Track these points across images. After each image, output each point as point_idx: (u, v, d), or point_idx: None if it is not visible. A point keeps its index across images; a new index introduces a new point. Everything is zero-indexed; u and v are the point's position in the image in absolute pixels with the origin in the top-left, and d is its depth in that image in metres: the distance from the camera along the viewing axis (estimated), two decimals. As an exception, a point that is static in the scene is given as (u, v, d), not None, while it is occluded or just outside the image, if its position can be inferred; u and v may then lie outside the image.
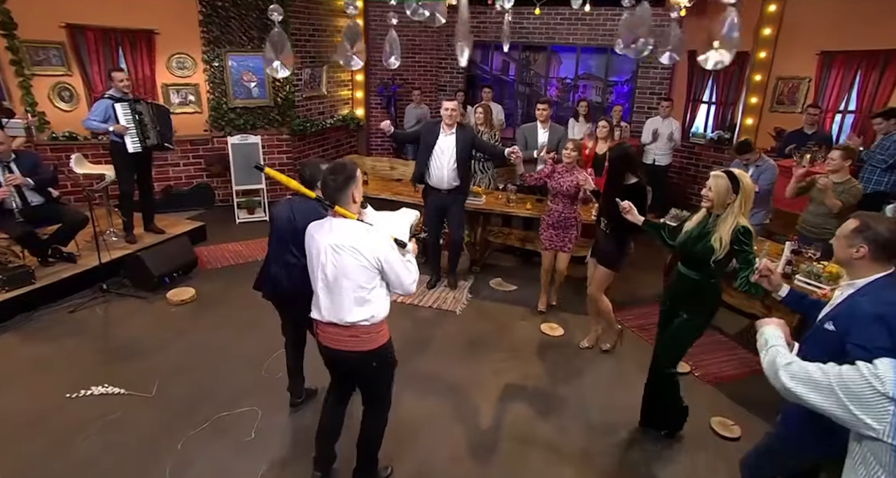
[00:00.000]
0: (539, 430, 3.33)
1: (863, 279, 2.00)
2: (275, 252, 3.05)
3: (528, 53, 9.31)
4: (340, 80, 8.77)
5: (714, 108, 8.28)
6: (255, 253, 5.84)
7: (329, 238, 2.32)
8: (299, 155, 7.89)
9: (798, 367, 1.61)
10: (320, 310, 2.41)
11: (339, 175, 2.32)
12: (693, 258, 2.88)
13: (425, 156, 4.74)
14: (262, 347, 4.01)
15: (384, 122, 4.77)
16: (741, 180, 2.72)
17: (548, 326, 4.51)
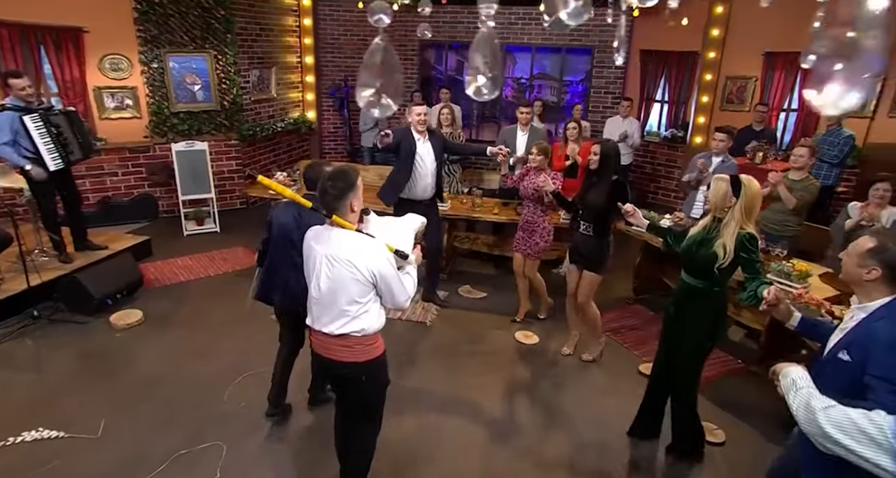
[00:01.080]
0: (528, 445, 3.19)
1: (875, 302, 1.82)
2: (280, 257, 2.95)
3: (483, 53, 9.20)
4: (290, 81, 8.40)
5: (667, 107, 8.45)
6: (207, 268, 5.45)
7: (326, 248, 2.23)
8: (249, 161, 7.48)
9: (839, 412, 1.46)
10: (313, 318, 2.35)
11: (338, 182, 2.20)
12: (697, 265, 2.75)
13: (408, 167, 4.40)
14: (222, 372, 3.70)
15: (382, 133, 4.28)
16: (744, 185, 2.61)
17: (522, 335, 4.40)
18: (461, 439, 3.23)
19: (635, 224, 3.25)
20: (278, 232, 2.90)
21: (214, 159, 6.83)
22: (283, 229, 2.88)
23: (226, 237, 6.30)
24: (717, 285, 2.73)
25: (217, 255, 5.79)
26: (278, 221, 2.91)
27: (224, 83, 6.91)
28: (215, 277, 5.26)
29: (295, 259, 2.78)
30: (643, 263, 4.96)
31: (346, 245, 2.20)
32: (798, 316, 2.26)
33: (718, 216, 2.70)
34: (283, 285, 2.95)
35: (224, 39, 6.79)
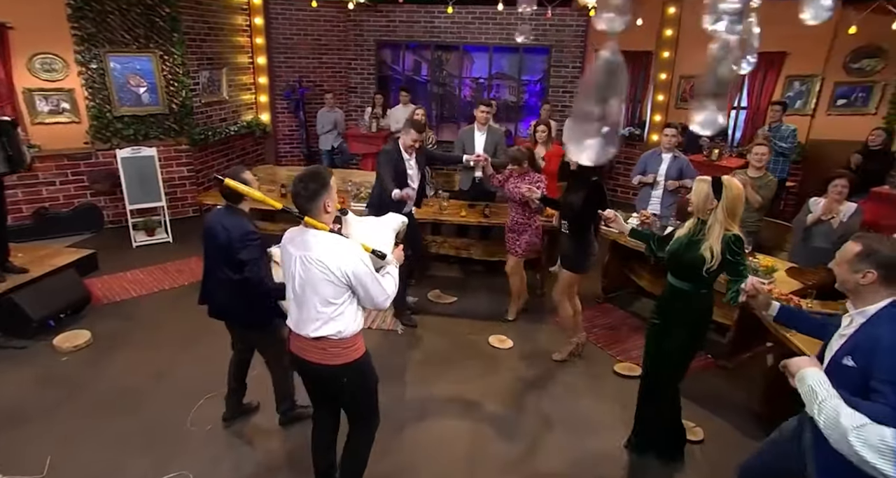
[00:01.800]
0: (513, 454, 3.12)
1: (873, 306, 1.82)
2: (208, 266, 2.91)
3: (441, 53, 9.13)
4: (242, 83, 8.06)
5: (623, 106, 8.58)
6: (160, 281, 5.13)
7: (299, 250, 2.21)
8: (202, 167, 7.13)
9: (873, 432, 1.41)
10: (292, 320, 2.32)
11: (310, 183, 2.18)
12: (683, 268, 2.72)
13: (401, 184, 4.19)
14: (184, 393, 3.46)
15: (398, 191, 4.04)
16: (725, 186, 2.59)
17: (496, 339, 4.33)
18: (444, 449, 3.12)
19: (617, 229, 3.21)
20: (205, 237, 2.83)
21: (164, 166, 6.45)
22: (208, 233, 2.80)
23: (179, 247, 5.96)
24: (705, 288, 2.72)
25: (171, 266, 5.47)
26: (206, 226, 2.84)
27: (172, 85, 6.55)
28: (170, 290, 4.95)
29: (220, 267, 2.77)
30: (611, 261, 4.99)
31: (319, 246, 2.17)
32: (777, 305, 2.31)
33: (702, 218, 2.69)
34: (208, 291, 2.93)
35: (170, 39, 6.43)
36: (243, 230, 2.69)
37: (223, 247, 2.72)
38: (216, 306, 2.95)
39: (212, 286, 2.90)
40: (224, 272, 2.78)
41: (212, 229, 2.77)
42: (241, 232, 2.68)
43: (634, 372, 3.88)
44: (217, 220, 2.76)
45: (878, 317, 1.79)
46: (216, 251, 2.77)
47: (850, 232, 4.00)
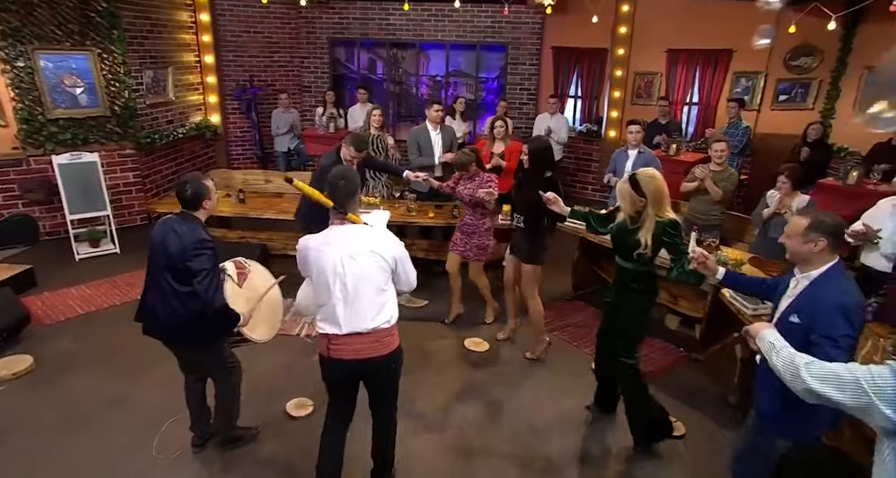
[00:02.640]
0: (496, 458, 3.06)
1: (817, 270, 2.10)
2: (151, 277, 2.69)
3: (396, 51, 8.97)
4: (189, 83, 7.66)
5: (580, 103, 8.70)
6: (110, 296, 4.78)
7: (343, 248, 2.30)
8: (149, 172, 6.73)
9: (820, 367, 1.61)
10: (339, 324, 2.33)
11: (350, 181, 2.37)
12: (624, 249, 2.89)
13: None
14: (146, 419, 3.23)
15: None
16: (645, 184, 2.70)
17: (472, 342, 4.26)
18: (428, 458, 3.03)
19: (557, 211, 3.30)
20: (151, 248, 2.64)
21: (107, 172, 6.04)
22: (156, 247, 2.61)
23: (128, 258, 5.58)
24: (646, 265, 2.89)
25: (120, 280, 5.11)
26: (152, 236, 2.64)
27: (113, 85, 6.13)
28: (122, 306, 4.62)
29: (159, 280, 2.60)
30: (581, 259, 5.01)
31: (365, 239, 2.34)
32: (722, 270, 2.54)
33: (631, 215, 2.83)
34: (148, 307, 2.69)
35: (109, 36, 6.01)
36: (196, 237, 2.52)
37: (173, 255, 2.52)
38: (156, 322, 2.66)
39: (153, 300, 2.65)
40: (169, 283, 2.57)
41: (162, 237, 2.57)
42: (193, 239, 2.51)
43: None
44: (169, 227, 2.58)
45: (819, 279, 2.08)
46: (165, 260, 2.55)
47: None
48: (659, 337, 4.40)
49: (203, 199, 2.61)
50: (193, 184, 2.59)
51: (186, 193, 2.57)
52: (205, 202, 2.63)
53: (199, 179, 2.63)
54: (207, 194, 2.62)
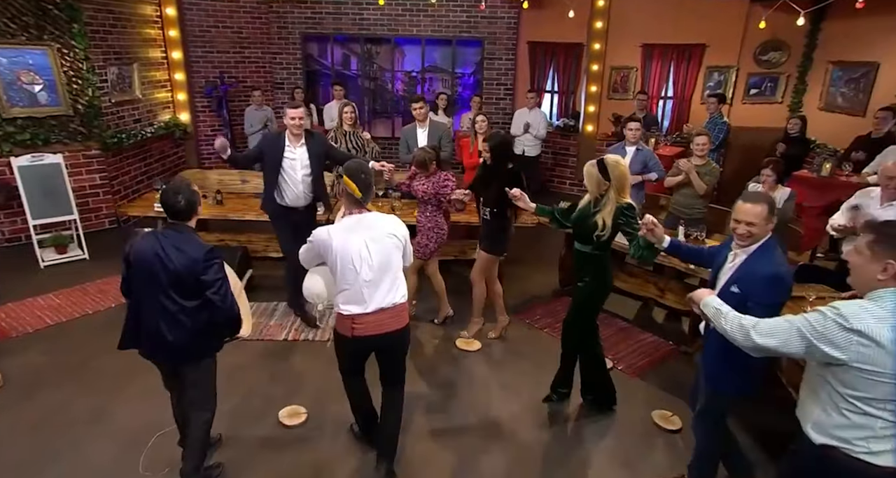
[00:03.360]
0: (501, 461, 3.02)
1: (755, 245, 2.31)
2: (145, 299, 2.46)
3: (371, 46, 8.82)
4: (156, 80, 7.36)
5: (557, 97, 8.72)
6: (81, 305, 4.55)
7: (364, 235, 2.50)
8: (117, 173, 6.44)
9: (765, 324, 1.85)
10: (365, 303, 2.52)
11: (369, 174, 2.56)
12: (584, 233, 3.11)
13: (273, 175, 4.04)
14: (130, 435, 3.07)
15: (218, 139, 3.93)
16: (611, 168, 2.94)
17: (463, 342, 4.21)
18: (441, 462, 2.97)
19: (523, 206, 3.43)
20: (138, 267, 2.42)
21: (72, 174, 5.75)
22: (143, 264, 2.40)
23: (98, 265, 5.34)
24: (603, 249, 3.13)
25: (91, 287, 4.88)
26: (138, 255, 2.42)
27: (75, 83, 5.83)
28: (95, 315, 4.40)
29: (161, 300, 2.41)
30: (567, 255, 4.99)
31: (384, 223, 2.57)
32: (668, 239, 2.74)
33: (597, 196, 3.05)
34: (150, 331, 2.46)
35: (69, 30, 5.71)
36: (204, 248, 2.39)
37: (180, 272, 2.36)
38: (161, 345, 2.47)
39: (153, 322, 2.44)
40: (175, 301, 2.40)
41: (156, 256, 2.37)
42: (202, 251, 2.37)
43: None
44: (163, 243, 2.39)
45: (756, 252, 2.29)
46: (169, 278, 2.37)
47: (785, 216, 4.25)
48: (649, 331, 4.43)
49: (197, 207, 2.48)
50: (185, 193, 2.42)
51: (179, 204, 2.40)
52: (198, 209, 2.50)
53: (189, 187, 2.46)
54: (200, 202, 2.50)
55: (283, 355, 3.96)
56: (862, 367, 1.67)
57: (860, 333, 1.65)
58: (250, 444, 3.07)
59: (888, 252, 1.71)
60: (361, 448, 3.07)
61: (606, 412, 3.46)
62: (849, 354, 1.67)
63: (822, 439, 1.83)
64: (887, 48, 6.38)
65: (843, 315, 1.68)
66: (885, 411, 1.70)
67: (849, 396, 1.73)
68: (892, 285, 1.72)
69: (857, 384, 1.70)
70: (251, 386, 3.56)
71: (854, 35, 6.88)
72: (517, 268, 5.40)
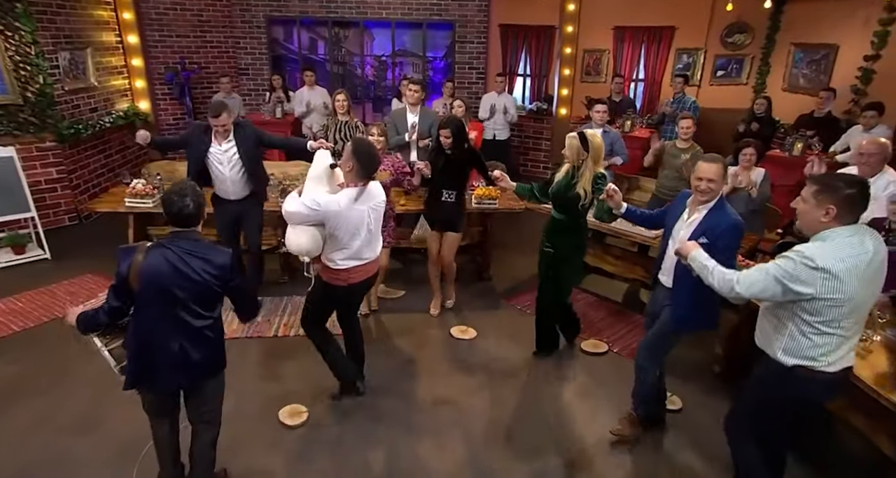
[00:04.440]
0: (513, 449, 3.01)
1: (711, 202, 2.63)
2: (159, 322, 2.19)
3: (339, 30, 8.55)
4: (112, 66, 6.93)
5: (529, 81, 8.68)
6: (50, 308, 4.27)
7: (367, 204, 2.89)
8: (75, 167, 6.06)
9: (744, 277, 2.18)
10: (362, 257, 2.95)
11: (376, 155, 2.94)
12: (564, 204, 3.41)
13: (196, 165, 3.92)
14: (119, 447, 2.91)
15: (140, 132, 3.84)
16: (590, 140, 3.26)
17: (458, 330, 4.17)
18: (446, 452, 2.93)
19: (505, 186, 3.66)
20: (151, 287, 2.13)
21: (26, 168, 5.37)
22: (159, 283, 2.13)
23: (62, 264, 5.04)
24: (581, 217, 3.48)
25: (58, 288, 4.59)
26: (150, 273, 2.12)
27: (23, 69, 5.42)
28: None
29: (183, 318, 2.19)
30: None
31: (377, 191, 2.98)
32: (625, 205, 3.06)
33: (576, 165, 3.33)
34: (171, 356, 2.21)
35: (12, 11, 5.28)
36: (227, 254, 2.25)
37: (204, 285, 2.17)
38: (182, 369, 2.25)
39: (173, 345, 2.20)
40: (196, 318, 2.22)
41: (176, 271, 2.13)
42: (227, 256, 2.23)
43: (600, 349, 3.95)
44: (182, 255, 2.14)
45: (715, 207, 2.62)
46: (188, 295, 2.16)
47: (764, 196, 4.36)
48: (637, 312, 4.50)
49: (204, 209, 2.26)
50: (194, 196, 2.18)
51: (188, 208, 2.16)
52: (204, 212, 2.27)
53: (195, 189, 2.23)
54: (205, 203, 2.30)
55: (274, 352, 3.82)
56: (825, 296, 2.02)
57: (824, 269, 1.99)
58: (253, 448, 2.96)
59: (829, 199, 2.06)
60: (370, 446, 3.01)
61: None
62: (815, 288, 2.02)
63: (793, 361, 2.18)
64: (846, 31, 6.60)
65: (808, 257, 2.02)
66: (838, 328, 2.08)
67: (813, 322, 2.09)
68: (833, 225, 2.08)
69: (820, 311, 2.06)
70: (244, 387, 3.42)
71: (814, 18, 7.08)
72: (502, 253, 5.39)
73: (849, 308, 2.05)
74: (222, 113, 3.76)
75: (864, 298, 2.10)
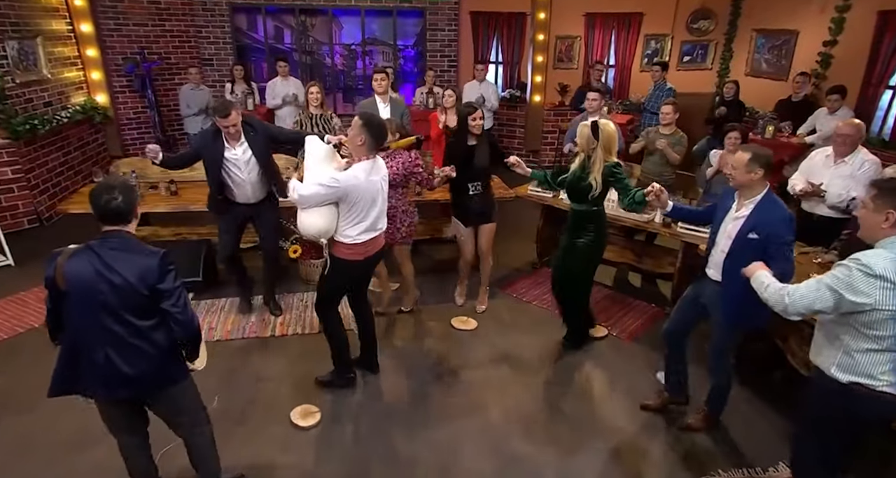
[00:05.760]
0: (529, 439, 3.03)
1: (759, 195, 2.59)
2: (86, 330, 2.02)
3: (306, 18, 8.28)
4: (64, 57, 6.49)
5: (502, 68, 8.66)
6: (22, 318, 4.00)
7: (379, 175, 2.98)
8: (33, 165, 5.67)
9: (794, 289, 2.10)
10: (377, 228, 3.05)
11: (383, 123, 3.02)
12: (578, 194, 3.39)
13: (215, 174, 3.63)
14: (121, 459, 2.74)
15: (149, 146, 3.51)
16: (602, 128, 3.21)
17: (459, 321, 4.14)
18: (466, 450, 2.92)
19: (521, 172, 3.70)
20: (75, 292, 1.98)
21: (-20, 169, 5.00)
22: (81, 287, 1.97)
23: (28, 270, 4.71)
24: (598, 205, 3.45)
25: (27, 296, 4.30)
26: (73, 276, 1.97)
27: (-30, 62, 5.01)
28: (44, 328, 3.86)
29: (108, 326, 2.00)
30: (544, 227, 5.03)
31: (383, 164, 3.08)
32: (671, 204, 3.02)
33: (588, 155, 3.31)
34: (98, 366, 2.03)
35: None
36: (158, 254, 2.02)
37: (133, 286, 1.97)
38: (113, 381, 2.06)
39: (100, 355, 2.02)
40: (124, 326, 2.01)
41: (97, 275, 1.96)
42: (155, 257, 2.01)
43: (600, 333, 4.00)
44: (104, 256, 1.97)
45: (763, 201, 2.57)
46: (120, 298, 1.98)
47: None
48: (631, 296, 4.59)
49: (136, 206, 2.07)
50: (122, 189, 2.00)
51: (115, 203, 1.96)
52: (137, 210, 2.08)
53: (126, 183, 2.07)
54: (138, 199, 2.11)
55: (275, 352, 3.71)
56: (884, 308, 1.89)
57: (883, 278, 1.88)
58: (270, 452, 2.86)
59: (889, 204, 1.95)
60: (389, 442, 2.96)
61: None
62: (873, 298, 1.89)
63: (849, 378, 2.05)
64: (804, 17, 6.86)
65: (866, 265, 1.90)
66: None
67: (873, 335, 1.96)
68: (895, 232, 1.96)
69: (878, 324, 1.94)
70: (250, 390, 3.31)
71: (773, 4, 7.34)
72: (495, 242, 5.35)
73: None
74: (231, 112, 3.42)
75: None
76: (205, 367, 2.38)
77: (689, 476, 2.79)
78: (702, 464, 2.86)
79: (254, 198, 3.78)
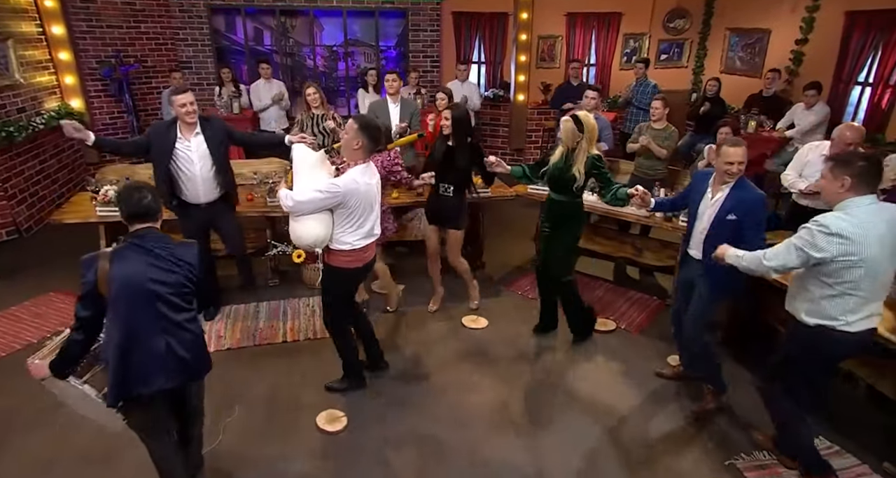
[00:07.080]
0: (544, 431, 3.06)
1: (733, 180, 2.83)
2: (141, 324, 2.09)
3: (286, 19, 8.14)
4: (36, 60, 6.22)
5: (485, 68, 8.70)
6: (20, 334, 3.83)
7: (374, 179, 2.93)
8: (9, 174, 5.43)
9: (770, 252, 2.44)
10: (374, 233, 3.00)
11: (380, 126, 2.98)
12: (561, 185, 3.46)
13: (162, 169, 3.56)
14: (135, 473, 2.65)
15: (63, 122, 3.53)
16: (584, 122, 3.29)
17: (469, 320, 4.16)
18: (499, 445, 2.93)
19: (501, 171, 3.67)
20: (127, 292, 2.05)
21: (-44, 179, 4.75)
22: (134, 281, 2.05)
23: (15, 284, 4.52)
24: (578, 197, 3.53)
25: (21, 311, 4.12)
26: (123, 275, 2.04)
27: (-58, 67, 4.76)
28: (42, 343, 3.69)
29: (165, 314, 2.12)
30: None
31: (374, 170, 2.97)
32: (653, 201, 3.27)
33: (570, 148, 3.38)
34: (160, 357, 2.12)
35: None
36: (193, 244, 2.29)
37: (181, 280, 2.15)
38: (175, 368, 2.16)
39: (160, 345, 2.12)
40: (178, 312, 2.16)
41: (151, 268, 2.08)
42: (194, 250, 2.23)
43: (609, 327, 4.08)
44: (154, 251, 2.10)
45: (737, 185, 2.82)
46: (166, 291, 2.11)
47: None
48: (630, 288, 4.69)
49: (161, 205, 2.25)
50: (148, 188, 2.20)
51: (146, 201, 2.12)
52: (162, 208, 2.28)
53: (147, 183, 2.33)
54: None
55: (289, 358, 3.65)
56: (841, 259, 2.25)
57: (838, 235, 2.23)
58: (302, 460, 2.83)
59: (844, 172, 2.30)
60: (420, 444, 2.95)
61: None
62: (830, 252, 2.25)
63: (815, 321, 2.42)
64: (776, 16, 7.13)
65: (824, 225, 2.26)
66: (858, 290, 2.30)
67: (833, 283, 2.32)
68: (850, 196, 2.31)
69: (838, 274, 2.29)
70: (272, 398, 3.26)
71: (745, 4, 7.60)
72: (495, 241, 5.41)
73: (866, 270, 2.25)
74: (187, 90, 3.49)
75: (882, 261, 2.28)
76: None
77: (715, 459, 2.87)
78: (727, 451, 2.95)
79: (205, 196, 3.70)
